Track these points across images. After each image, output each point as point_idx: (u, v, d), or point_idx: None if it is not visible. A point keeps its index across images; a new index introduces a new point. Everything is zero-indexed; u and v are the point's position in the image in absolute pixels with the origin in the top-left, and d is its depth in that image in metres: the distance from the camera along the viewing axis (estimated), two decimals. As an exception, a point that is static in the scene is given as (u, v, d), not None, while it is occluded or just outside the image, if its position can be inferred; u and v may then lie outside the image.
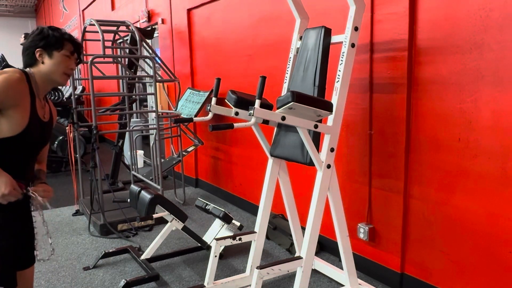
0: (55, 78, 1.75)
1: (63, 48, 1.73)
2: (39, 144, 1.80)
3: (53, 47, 1.72)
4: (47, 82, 1.75)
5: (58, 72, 1.74)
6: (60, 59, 1.73)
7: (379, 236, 2.97)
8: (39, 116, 1.72)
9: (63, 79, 1.77)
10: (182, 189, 5.11)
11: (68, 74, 1.78)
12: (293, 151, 2.59)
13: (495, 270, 2.33)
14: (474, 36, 2.30)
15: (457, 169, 2.45)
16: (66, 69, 1.75)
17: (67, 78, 1.78)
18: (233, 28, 4.48)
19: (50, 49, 1.71)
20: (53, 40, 1.72)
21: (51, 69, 1.72)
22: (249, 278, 2.87)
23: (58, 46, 1.73)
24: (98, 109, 5.16)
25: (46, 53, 1.71)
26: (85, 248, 3.73)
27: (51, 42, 1.71)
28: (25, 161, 1.77)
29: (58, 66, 1.73)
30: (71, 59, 1.76)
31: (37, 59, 1.71)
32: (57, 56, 1.72)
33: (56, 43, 1.72)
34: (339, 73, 2.40)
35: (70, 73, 1.79)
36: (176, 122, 2.90)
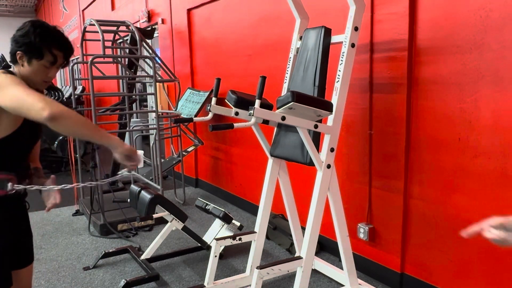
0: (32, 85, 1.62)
1: (43, 58, 1.59)
2: (32, 140, 1.77)
3: (33, 55, 1.58)
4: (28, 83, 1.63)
5: (35, 80, 1.63)
6: (38, 68, 1.60)
7: (379, 236, 2.97)
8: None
9: (41, 86, 1.67)
10: (182, 189, 5.11)
11: (47, 81, 1.67)
12: (293, 151, 2.59)
13: (495, 270, 2.33)
14: (474, 36, 2.30)
15: (457, 169, 2.45)
16: (45, 77, 1.64)
17: (44, 84, 1.68)
18: (233, 28, 4.48)
19: (29, 56, 1.58)
20: (33, 48, 1.57)
21: (29, 76, 1.61)
22: (249, 278, 2.86)
23: (38, 56, 1.59)
24: (98, 109, 5.16)
25: (25, 58, 1.59)
26: (85, 248, 3.73)
27: (32, 50, 1.58)
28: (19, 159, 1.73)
29: (35, 74, 1.61)
30: (51, 68, 1.64)
31: (18, 61, 1.60)
32: (35, 65, 1.60)
33: (36, 52, 1.58)
34: (339, 73, 2.40)
35: (49, 81, 1.68)
36: (176, 122, 2.90)
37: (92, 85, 4.00)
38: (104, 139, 1.60)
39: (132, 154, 1.64)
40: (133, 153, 1.64)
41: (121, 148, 1.60)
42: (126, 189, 5.17)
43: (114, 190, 4.70)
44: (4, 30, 14.70)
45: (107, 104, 8.53)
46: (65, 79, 13.44)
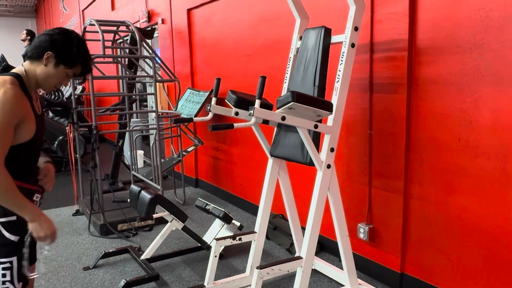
0: (43, 85, 1.67)
1: (71, 68, 1.66)
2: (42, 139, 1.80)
3: (64, 62, 1.63)
4: (36, 83, 1.67)
5: (50, 82, 1.66)
6: (61, 74, 1.65)
7: (379, 236, 2.97)
8: (37, 113, 1.70)
9: (50, 89, 1.72)
10: (182, 189, 5.11)
11: (57, 87, 1.73)
12: (293, 151, 2.59)
13: (495, 270, 2.33)
14: (474, 36, 2.30)
15: (457, 169, 2.45)
16: (59, 83, 1.69)
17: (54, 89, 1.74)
18: (233, 28, 4.48)
19: (60, 61, 1.62)
20: (70, 57, 1.63)
21: (47, 77, 1.63)
22: (249, 278, 2.87)
23: (69, 65, 1.64)
24: (98, 109, 5.16)
25: (54, 61, 1.61)
26: (85, 248, 3.73)
27: (67, 57, 1.63)
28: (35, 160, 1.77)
29: (55, 78, 1.65)
30: (69, 78, 1.69)
31: (42, 59, 1.61)
32: (60, 71, 1.64)
33: (70, 61, 1.64)
34: (339, 73, 2.40)
35: (59, 87, 1.74)
36: (176, 122, 2.90)
37: (92, 85, 4.00)
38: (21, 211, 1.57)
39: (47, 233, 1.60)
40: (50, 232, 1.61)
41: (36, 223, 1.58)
42: (126, 189, 5.18)
43: (114, 190, 4.70)
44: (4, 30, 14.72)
45: (107, 104, 8.53)
46: (65, 79, 13.43)
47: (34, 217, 1.58)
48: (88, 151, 6.84)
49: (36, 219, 1.58)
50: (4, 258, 1.62)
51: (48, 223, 1.61)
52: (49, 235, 1.61)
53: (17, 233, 1.65)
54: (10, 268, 1.63)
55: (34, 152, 1.73)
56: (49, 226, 1.61)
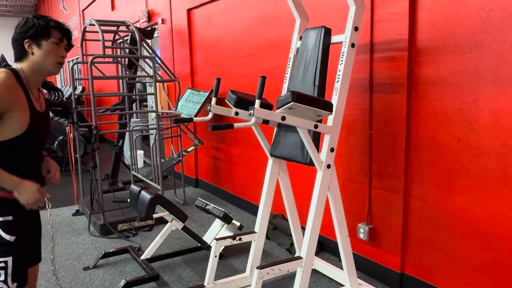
0: (47, 68, 1.70)
1: (50, 36, 1.67)
2: (43, 136, 1.80)
3: (41, 36, 1.65)
4: (40, 73, 1.71)
5: (50, 62, 1.69)
6: (49, 47, 1.67)
7: (379, 236, 2.97)
8: (37, 109, 1.70)
9: (56, 68, 1.72)
10: (182, 189, 5.11)
11: (60, 62, 1.72)
12: (293, 151, 2.59)
13: (495, 270, 2.33)
14: (474, 36, 2.30)
15: (457, 169, 2.45)
16: (57, 57, 1.70)
17: (59, 66, 1.73)
18: (233, 28, 4.48)
19: (38, 39, 1.65)
20: (39, 29, 1.65)
21: (41, 59, 1.67)
22: (249, 278, 2.87)
23: (46, 35, 1.66)
24: (98, 109, 5.16)
25: (34, 43, 1.65)
26: (85, 248, 3.73)
27: (38, 31, 1.65)
28: (34, 157, 1.77)
29: (48, 55, 1.67)
30: (60, 46, 1.71)
31: (27, 51, 1.66)
32: (45, 45, 1.66)
33: (42, 32, 1.65)
34: (339, 73, 2.40)
35: (62, 61, 1.73)
36: (176, 122, 2.90)
37: (92, 85, 4.00)
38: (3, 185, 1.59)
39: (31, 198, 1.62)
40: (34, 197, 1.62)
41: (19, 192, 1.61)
42: (126, 189, 5.18)
43: (114, 190, 4.70)
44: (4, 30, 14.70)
45: (107, 104, 8.53)
46: (65, 79, 13.45)
47: (14, 187, 1.60)
48: (88, 151, 6.85)
49: (16, 188, 1.60)
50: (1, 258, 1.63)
51: (30, 188, 1.61)
52: (35, 199, 1.62)
53: (14, 233, 1.65)
54: (5, 268, 1.63)
55: (31, 150, 1.72)
56: (31, 191, 1.62)
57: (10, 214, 1.64)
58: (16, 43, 1.67)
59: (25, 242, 1.73)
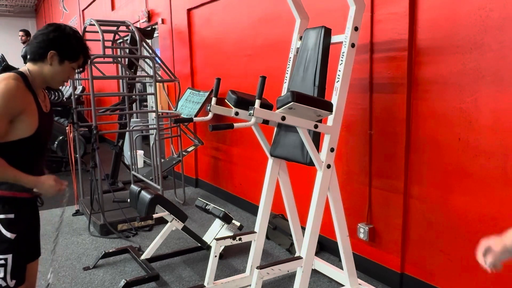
0: (52, 83, 1.73)
1: (76, 61, 1.72)
2: (48, 136, 1.83)
3: (69, 56, 1.68)
4: (43, 82, 1.72)
5: (58, 79, 1.72)
6: (67, 69, 1.71)
7: (379, 236, 2.97)
8: (44, 111, 1.73)
9: (59, 85, 1.77)
10: (182, 189, 5.11)
11: (65, 82, 1.78)
12: (293, 151, 2.59)
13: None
14: (474, 36, 2.30)
15: (457, 169, 2.45)
16: (67, 78, 1.74)
17: (62, 84, 1.79)
18: (233, 28, 4.48)
19: (64, 57, 1.67)
20: (72, 51, 1.68)
21: (54, 74, 1.69)
22: (249, 278, 2.86)
23: (74, 58, 1.70)
24: (98, 109, 5.16)
25: (58, 58, 1.66)
26: (85, 248, 3.73)
27: (70, 52, 1.68)
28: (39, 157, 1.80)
29: (62, 74, 1.71)
30: (74, 71, 1.76)
31: (47, 59, 1.66)
32: (66, 66, 1.69)
33: (73, 55, 1.69)
34: (339, 73, 2.40)
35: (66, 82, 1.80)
36: (176, 122, 2.90)
37: (92, 85, 4.00)
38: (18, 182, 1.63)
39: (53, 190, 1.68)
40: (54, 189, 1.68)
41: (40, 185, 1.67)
42: (126, 189, 5.18)
43: (114, 190, 4.70)
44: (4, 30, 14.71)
45: (107, 104, 8.53)
46: (65, 79, 13.43)
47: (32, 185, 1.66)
48: (88, 151, 6.84)
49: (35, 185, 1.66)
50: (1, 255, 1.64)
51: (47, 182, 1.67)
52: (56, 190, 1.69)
53: (15, 231, 1.66)
54: (4, 265, 1.65)
55: (37, 150, 1.74)
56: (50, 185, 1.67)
57: (12, 212, 1.65)
58: (41, 45, 1.66)
59: (25, 240, 1.74)
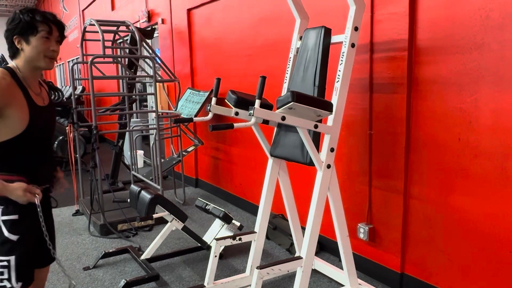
0: (37, 64, 1.67)
1: (38, 31, 1.63)
2: (48, 131, 1.78)
3: (28, 32, 1.62)
4: (33, 69, 1.68)
5: (38, 57, 1.65)
6: (37, 42, 1.63)
7: (379, 236, 2.97)
8: (38, 104, 1.69)
9: (46, 63, 1.68)
10: (182, 189, 5.11)
11: (50, 56, 1.68)
12: (293, 151, 2.59)
13: (495, 270, 2.33)
14: (474, 36, 2.30)
15: (457, 169, 2.45)
16: (46, 51, 1.66)
17: (50, 61, 1.69)
18: (233, 28, 4.48)
19: (25, 35, 1.62)
20: (25, 25, 1.62)
21: (30, 55, 1.64)
22: (249, 278, 2.87)
23: (32, 30, 1.63)
24: (98, 109, 5.16)
25: (23, 39, 1.63)
26: (85, 248, 3.73)
27: (24, 27, 1.62)
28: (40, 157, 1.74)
29: (36, 50, 1.64)
30: (50, 40, 1.67)
31: (17, 47, 1.64)
32: (33, 41, 1.63)
33: (28, 28, 1.62)
34: (339, 73, 2.40)
35: (52, 55, 1.68)
36: (176, 122, 2.90)
37: (92, 85, 4.00)
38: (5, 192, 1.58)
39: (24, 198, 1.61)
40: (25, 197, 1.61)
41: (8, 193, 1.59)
42: (126, 189, 5.18)
43: (114, 190, 4.70)
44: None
45: (107, 104, 8.53)
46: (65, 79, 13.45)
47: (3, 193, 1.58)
48: (88, 151, 6.84)
49: (4, 193, 1.58)
50: (2, 257, 1.62)
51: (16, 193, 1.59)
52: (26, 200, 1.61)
53: (18, 232, 1.65)
54: (7, 266, 1.63)
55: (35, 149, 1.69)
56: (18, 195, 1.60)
57: (17, 213, 1.63)
58: (7, 40, 1.66)
59: (30, 242, 1.71)
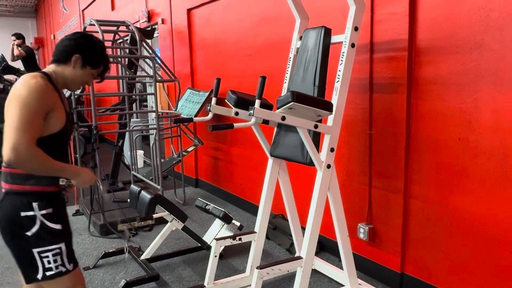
0: (71, 85, 1.84)
1: (97, 68, 1.83)
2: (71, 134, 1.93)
3: (91, 62, 1.80)
4: (63, 83, 1.82)
5: (78, 82, 1.83)
6: (88, 74, 1.82)
7: (379, 236, 2.97)
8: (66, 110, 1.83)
9: (76, 88, 1.89)
10: (182, 189, 5.11)
11: (83, 85, 1.89)
12: (293, 151, 2.59)
13: (495, 270, 2.33)
14: (474, 36, 2.30)
15: (457, 169, 2.45)
16: (86, 82, 1.85)
17: (79, 88, 1.93)
18: (233, 28, 4.48)
19: (87, 62, 1.78)
20: (95, 57, 1.80)
21: (75, 78, 1.79)
22: (249, 278, 2.87)
23: (95, 65, 1.82)
24: (98, 109, 5.16)
25: (81, 62, 1.77)
26: (85, 248, 3.73)
27: (93, 58, 1.80)
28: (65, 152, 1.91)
29: (81, 78, 1.81)
30: (93, 77, 1.87)
31: (70, 62, 1.76)
32: (87, 71, 1.80)
33: (96, 61, 1.81)
34: (339, 73, 2.40)
35: (84, 85, 1.93)
36: (176, 122, 2.90)
37: (92, 85, 4.00)
38: (63, 173, 1.75)
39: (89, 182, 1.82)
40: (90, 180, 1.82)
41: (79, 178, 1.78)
42: (126, 189, 5.18)
43: (114, 190, 4.69)
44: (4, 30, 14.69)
45: (107, 104, 8.53)
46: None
47: (75, 174, 1.76)
48: (88, 151, 6.84)
49: (77, 175, 1.77)
50: (54, 245, 1.74)
51: (88, 174, 1.81)
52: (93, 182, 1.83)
53: (58, 221, 1.77)
54: (60, 253, 1.75)
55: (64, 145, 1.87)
56: (91, 176, 1.82)
57: (50, 207, 1.74)
58: (67, 48, 1.76)
59: (69, 228, 1.85)
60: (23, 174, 1.69)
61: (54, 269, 1.74)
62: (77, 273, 1.85)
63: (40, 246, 1.71)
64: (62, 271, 1.76)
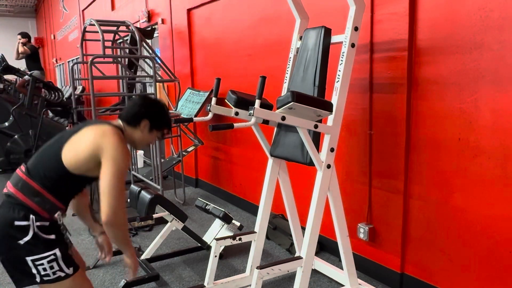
0: (137, 146, 2.00)
1: (161, 131, 2.01)
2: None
3: (158, 127, 1.97)
4: (130, 142, 1.96)
5: (144, 144, 2.00)
6: (153, 136, 1.99)
7: (379, 236, 2.97)
8: None
9: (141, 148, 2.12)
10: (182, 189, 5.11)
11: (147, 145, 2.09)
12: (293, 151, 2.59)
13: (495, 270, 2.33)
14: (474, 36, 2.30)
15: (457, 169, 2.45)
16: (149, 144, 2.05)
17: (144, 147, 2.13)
18: (233, 28, 4.48)
19: (154, 126, 1.95)
20: (161, 122, 1.98)
21: (142, 139, 1.95)
22: (249, 278, 2.87)
23: (160, 128, 1.99)
24: (98, 109, 5.16)
25: (149, 127, 1.93)
26: (85, 248, 3.73)
27: (159, 123, 1.97)
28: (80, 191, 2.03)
29: (148, 140, 1.98)
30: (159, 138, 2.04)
31: (140, 125, 1.91)
32: (153, 134, 1.97)
33: (161, 126, 1.99)
34: (339, 73, 2.40)
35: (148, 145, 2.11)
36: (176, 122, 2.90)
37: (92, 85, 4.00)
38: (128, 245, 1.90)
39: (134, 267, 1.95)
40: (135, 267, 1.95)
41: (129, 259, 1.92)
42: (126, 189, 5.17)
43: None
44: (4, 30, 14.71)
45: (107, 104, 8.52)
46: (65, 79, 13.45)
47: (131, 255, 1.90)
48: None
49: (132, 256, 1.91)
50: (48, 252, 1.74)
51: (136, 261, 1.94)
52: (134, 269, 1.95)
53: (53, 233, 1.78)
54: (55, 259, 1.75)
55: (85, 185, 1.99)
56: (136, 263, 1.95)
57: (47, 221, 1.77)
58: (138, 115, 1.92)
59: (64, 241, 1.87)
60: (34, 189, 1.74)
61: (51, 275, 1.73)
62: (80, 276, 1.85)
63: (34, 254, 1.71)
64: (60, 276, 1.75)
